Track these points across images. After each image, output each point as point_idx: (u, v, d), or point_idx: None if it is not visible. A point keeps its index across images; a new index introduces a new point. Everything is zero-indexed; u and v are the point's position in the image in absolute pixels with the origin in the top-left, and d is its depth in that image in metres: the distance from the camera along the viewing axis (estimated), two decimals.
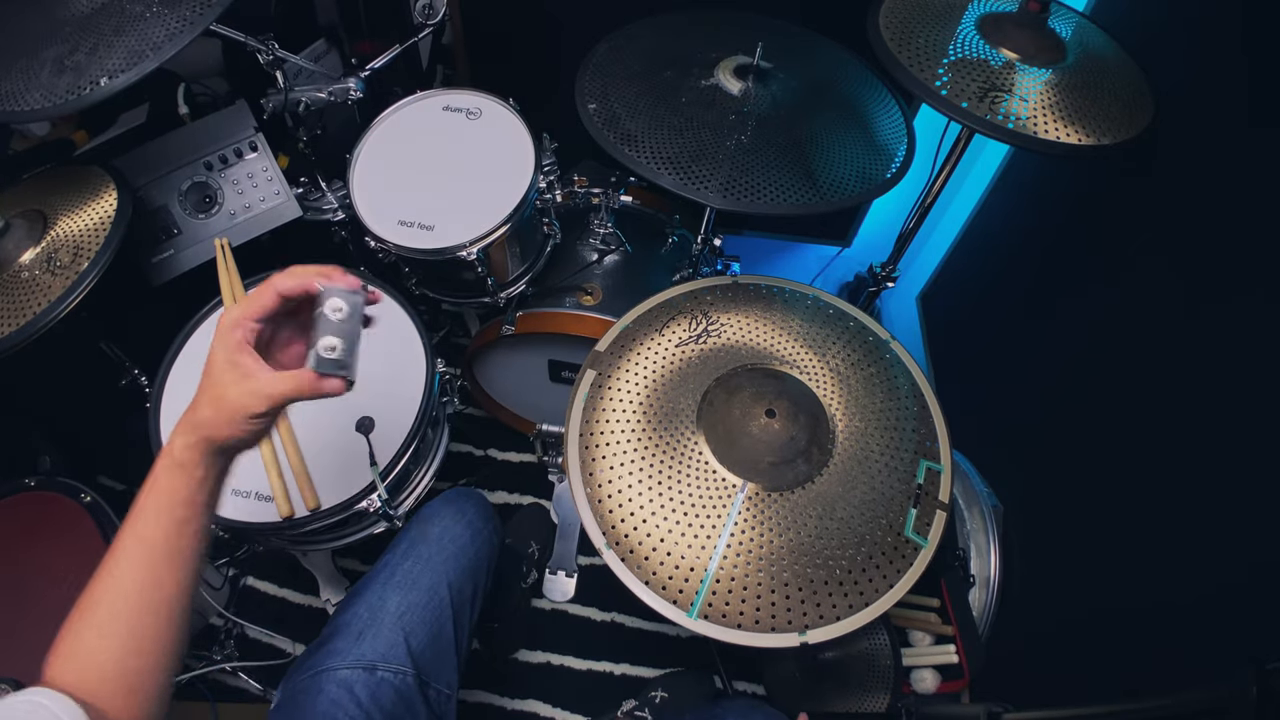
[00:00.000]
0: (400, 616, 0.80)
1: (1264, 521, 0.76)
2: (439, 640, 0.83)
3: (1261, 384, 0.79)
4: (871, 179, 0.99)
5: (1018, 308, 1.37)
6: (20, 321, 0.87)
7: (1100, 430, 1.06)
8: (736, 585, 0.74)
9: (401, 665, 0.78)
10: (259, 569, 1.35)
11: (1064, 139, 0.86)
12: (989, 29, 0.96)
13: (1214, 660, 0.77)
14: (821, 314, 0.95)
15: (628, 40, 1.12)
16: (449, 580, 0.85)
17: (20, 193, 1.02)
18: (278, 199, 1.19)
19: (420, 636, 0.81)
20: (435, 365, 1.00)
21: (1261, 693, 0.55)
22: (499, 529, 0.97)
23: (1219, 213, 0.91)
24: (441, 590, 0.84)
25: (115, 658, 0.55)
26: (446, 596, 0.84)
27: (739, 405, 0.84)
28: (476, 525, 0.92)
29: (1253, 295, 0.83)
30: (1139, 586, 0.92)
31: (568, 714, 1.24)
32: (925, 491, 0.81)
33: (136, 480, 0.58)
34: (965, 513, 1.27)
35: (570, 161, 1.32)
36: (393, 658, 0.78)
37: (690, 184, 0.94)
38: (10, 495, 0.99)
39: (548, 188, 1.15)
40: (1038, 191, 1.37)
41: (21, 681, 0.85)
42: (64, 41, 0.85)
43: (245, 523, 0.88)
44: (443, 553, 0.86)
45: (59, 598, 0.92)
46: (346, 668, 0.76)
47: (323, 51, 1.40)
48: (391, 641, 0.79)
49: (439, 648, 0.83)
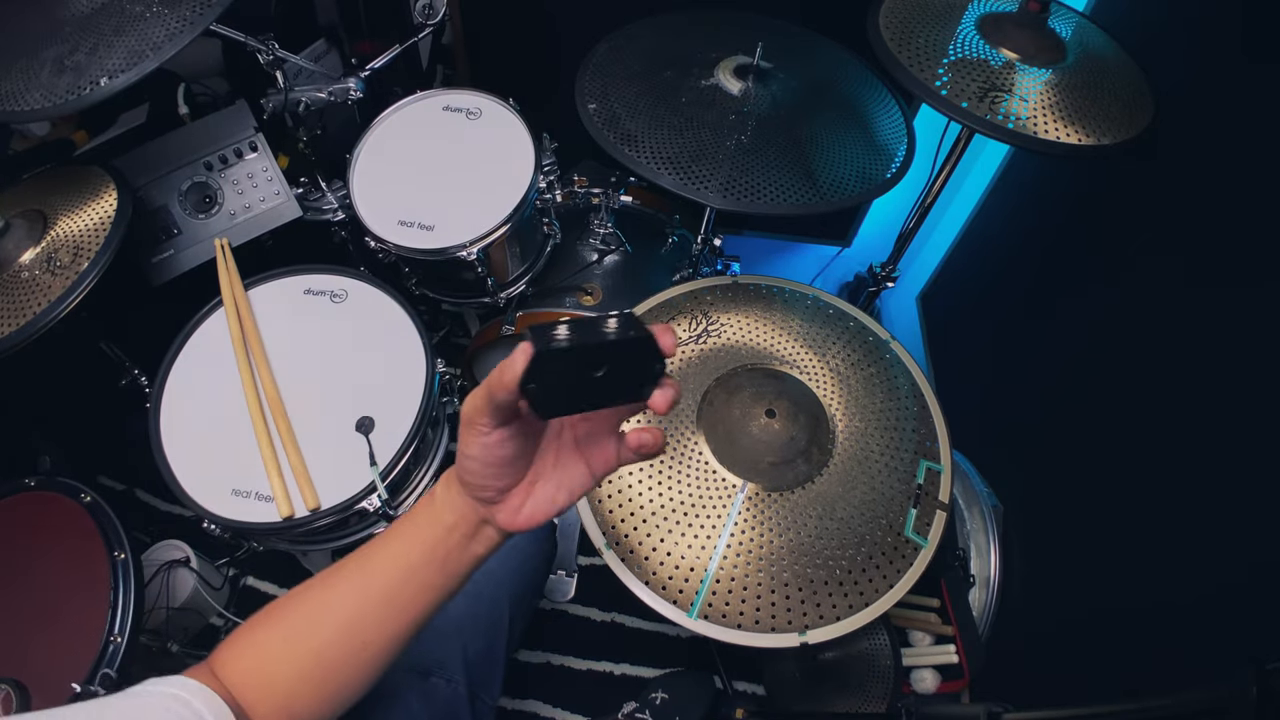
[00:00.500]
0: (460, 627, 0.79)
1: (1264, 521, 0.76)
2: (492, 651, 0.82)
3: (1262, 384, 0.79)
4: (871, 179, 0.99)
5: (1018, 308, 1.37)
6: (20, 321, 0.87)
7: (1100, 430, 1.06)
8: (736, 585, 0.74)
9: (455, 675, 0.77)
10: (259, 569, 1.35)
11: (1064, 139, 0.86)
12: (989, 29, 0.96)
13: (1214, 660, 0.77)
14: (821, 314, 0.95)
15: (628, 40, 1.12)
16: (511, 592, 0.83)
17: (20, 193, 1.02)
18: (278, 199, 1.19)
19: (477, 647, 0.79)
20: (435, 365, 1.00)
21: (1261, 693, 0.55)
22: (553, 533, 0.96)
23: (1219, 212, 0.91)
24: (503, 603, 0.83)
25: (290, 674, 0.51)
26: (506, 609, 0.83)
27: (739, 405, 0.84)
28: (540, 533, 0.90)
29: (1253, 295, 0.83)
30: (1139, 586, 0.92)
31: (568, 714, 1.24)
32: (925, 491, 0.81)
33: (137, 480, 0.57)
34: (965, 513, 1.27)
35: (570, 161, 1.32)
36: (449, 665, 0.77)
37: (690, 184, 0.94)
38: (10, 495, 0.99)
39: (548, 188, 1.15)
40: (1038, 191, 1.36)
41: (22, 682, 0.85)
42: (64, 41, 0.85)
43: (245, 523, 0.88)
44: (506, 565, 0.84)
45: (59, 598, 0.92)
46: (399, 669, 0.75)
47: (323, 51, 1.40)
48: (449, 650, 0.77)
49: (492, 659, 0.82)
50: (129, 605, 0.91)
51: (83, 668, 0.86)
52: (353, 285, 1.07)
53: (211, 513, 0.88)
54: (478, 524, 0.51)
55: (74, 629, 0.90)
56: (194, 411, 0.95)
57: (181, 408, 0.96)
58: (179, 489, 0.89)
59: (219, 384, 0.97)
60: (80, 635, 0.89)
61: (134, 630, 0.90)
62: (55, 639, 0.90)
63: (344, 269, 1.07)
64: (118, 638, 0.89)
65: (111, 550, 0.93)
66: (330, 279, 1.07)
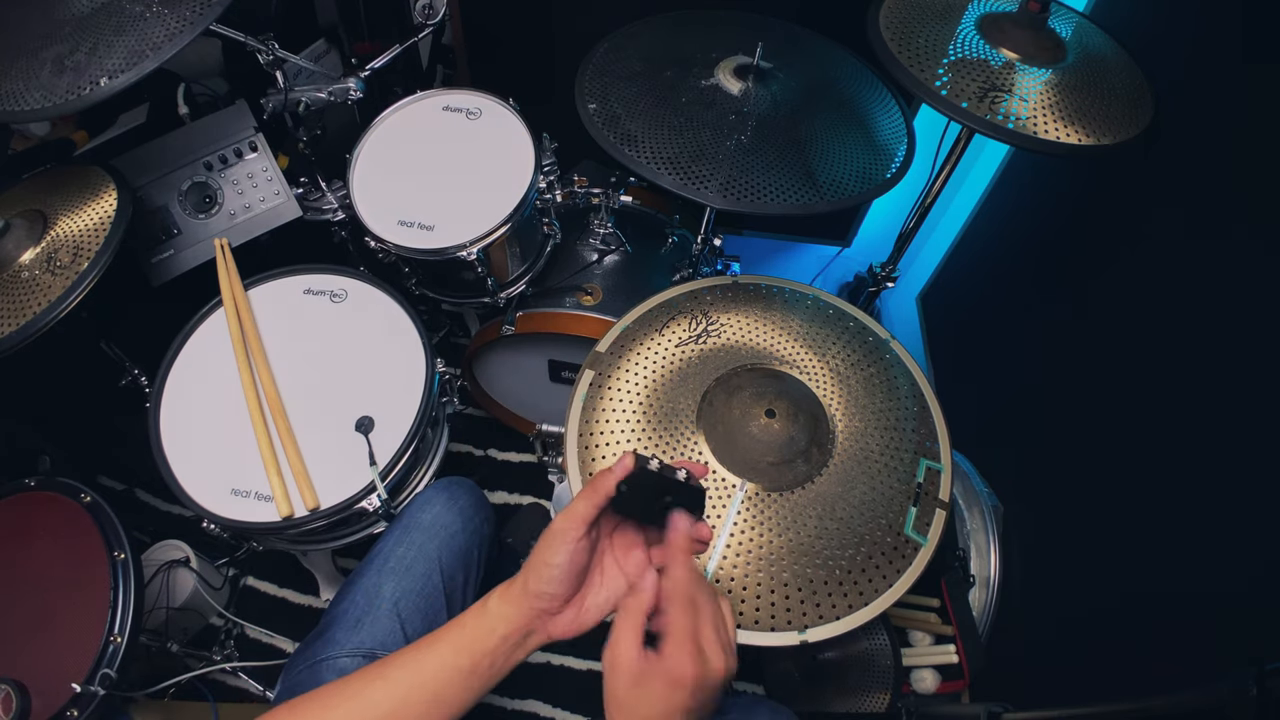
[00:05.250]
0: (396, 603, 0.80)
1: (1264, 521, 0.76)
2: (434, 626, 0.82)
3: (1262, 384, 0.79)
4: (871, 179, 0.99)
5: (1018, 308, 1.37)
6: (20, 321, 0.87)
7: (1100, 430, 1.06)
8: (736, 585, 0.74)
9: None
10: (259, 569, 1.35)
11: (1064, 139, 0.86)
12: (989, 29, 0.96)
13: (1214, 660, 0.77)
14: (821, 314, 0.95)
15: (628, 40, 1.12)
16: (441, 567, 0.85)
17: (20, 193, 1.02)
18: (278, 199, 1.19)
19: (415, 623, 0.80)
20: (435, 365, 1.00)
21: (1261, 693, 0.55)
22: (491, 519, 0.97)
23: (1219, 212, 0.91)
24: (435, 576, 0.84)
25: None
26: (439, 583, 0.84)
27: (739, 405, 0.84)
28: (468, 513, 0.91)
29: (1254, 295, 0.83)
30: (1139, 586, 0.92)
31: (568, 714, 1.24)
32: (925, 490, 0.81)
33: (137, 480, 0.58)
34: (965, 513, 1.27)
35: (570, 161, 1.32)
36: (390, 644, 0.77)
37: (690, 184, 0.94)
38: (10, 495, 0.99)
39: (548, 188, 1.15)
40: (1038, 191, 1.36)
41: (22, 682, 0.85)
42: (64, 41, 0.85)
43: (245, 522, 0.88)
44: (435, 539, 0.86)
45: (59, 598, 0.92)
46: (345, 655, 0.76)
47: (323, 51, 1.40)
48: (389, 628, 0.78)
49: None
50: (129, 605, 0.91)
51: (83, 668, 0.87)
52: (352, 285, 1.07)
53: (211, 513, 0.88)
54: (525, 634, 0.57)
55: (74, 629, 0.90)
56: (194, 411, 0.95)
57: (181, 408, 0.95)
58: (179, 489, 0.89)
59: (219, 384, 0.97)
60: (80, 635, 0.89)
61: (134, 630, 0.91)
62: (55, 639, 0.90)
63: (344, 269, 1.07)
64: (118, 638, 0.89)
65: (111, 550, 0.93)
66: (330, 279, 1.07)
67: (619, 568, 0.59)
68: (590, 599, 0.58)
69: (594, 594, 0.58)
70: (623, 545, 0.60)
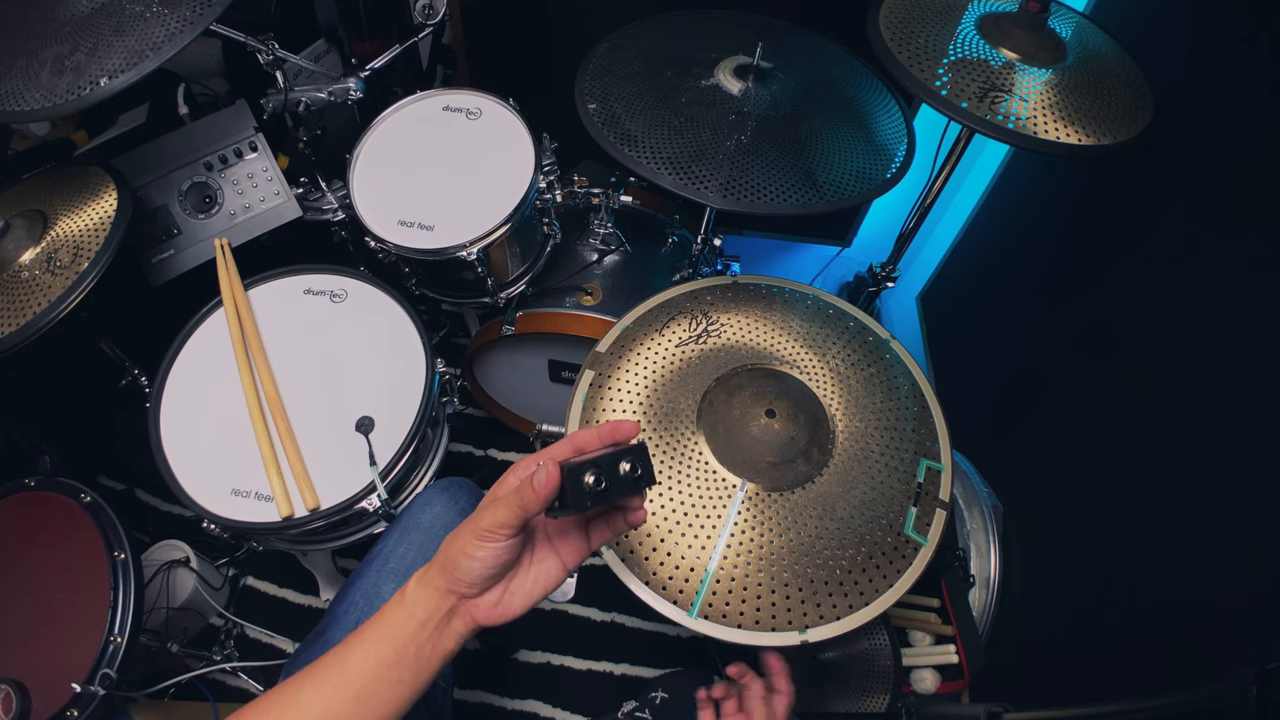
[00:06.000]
0: None
1: (1265, 521, 0.76)
2: None
3: (1263, 384, 0.79)
4: (871, 179, 0.99)
5: (1018, 308, 1.37)
6: (20, 321, 0.87)
7: (1101, 430, 1.06)
8: (736, 585, 0.74)
9: None
10: (259, 569, 1.35)
11: (1064, 139, 0.86)
12: (989, 29, 0.96)
13: (1214, 660, 0.77)
14: (821, 314, 0.95)
15: (628, 40, 1.12)
16: None
17: (20, 193, 1.02)
18: (278, 199, 1.19)
19: None
20: (435, 365, 1.00)
21: (1261, 693, 0.55)
22: None
23: (1219, 212, 0.91)
24: None
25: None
26: None
27: (739, 405, 0.84)
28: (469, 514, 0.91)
29: (1255, 295, 0.83)
30: (1139, 586, 0.92)
31: (568, 714, 1.24)
32: (925, 490, 0.81)
33: (137, 480, 0.58)
34: (965, 513, 1.27)
35: (570, 161, 1.32)
36: None
37: (690, 184, 0.94)
38: (10, 495, 0.99)
39: (548, 188, 1.15)
40: (1038, 191, 1.37)
41: (22, 682, 0.85)
42: (64, 41, 0.85)
43: (245, 523, 0.88)
44: (435, 540, 0.85)
45: (59, 598, 0.92)
46: None
47: (323, 51, 1.40)
48: None
49: None
50: (129, 605, 0.91)
51: (83, 668, 0.87)
52: (352, 285, 1.07)
53: (211, 513, 0.88)
54: (447, 618, 0.54)
55: (74, 629, 0.90)
56: (194, 411, 0.95)
57: (181, 408, 0.95)
58: (179, 489, 0.89)
59: (219, 384, 0.97)
60: (80, 635, 0.89)
61: (134, 630, 0.90)
62: (55, 639, 0.90)
63: (344, 269, 1.07)
64: (118, 638, 0.89)
65: (111, 550, 0.93)
66: (330, 279, 1.07)
67: (553, 552, 0.57)
68: (516, 584, 0.55)
69: (520, 579, 0.55)
70: (558, 529, 0.57)
